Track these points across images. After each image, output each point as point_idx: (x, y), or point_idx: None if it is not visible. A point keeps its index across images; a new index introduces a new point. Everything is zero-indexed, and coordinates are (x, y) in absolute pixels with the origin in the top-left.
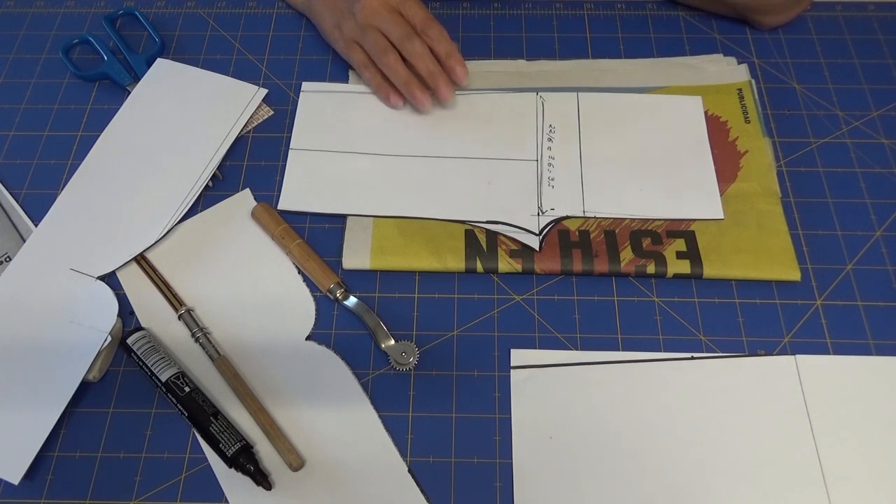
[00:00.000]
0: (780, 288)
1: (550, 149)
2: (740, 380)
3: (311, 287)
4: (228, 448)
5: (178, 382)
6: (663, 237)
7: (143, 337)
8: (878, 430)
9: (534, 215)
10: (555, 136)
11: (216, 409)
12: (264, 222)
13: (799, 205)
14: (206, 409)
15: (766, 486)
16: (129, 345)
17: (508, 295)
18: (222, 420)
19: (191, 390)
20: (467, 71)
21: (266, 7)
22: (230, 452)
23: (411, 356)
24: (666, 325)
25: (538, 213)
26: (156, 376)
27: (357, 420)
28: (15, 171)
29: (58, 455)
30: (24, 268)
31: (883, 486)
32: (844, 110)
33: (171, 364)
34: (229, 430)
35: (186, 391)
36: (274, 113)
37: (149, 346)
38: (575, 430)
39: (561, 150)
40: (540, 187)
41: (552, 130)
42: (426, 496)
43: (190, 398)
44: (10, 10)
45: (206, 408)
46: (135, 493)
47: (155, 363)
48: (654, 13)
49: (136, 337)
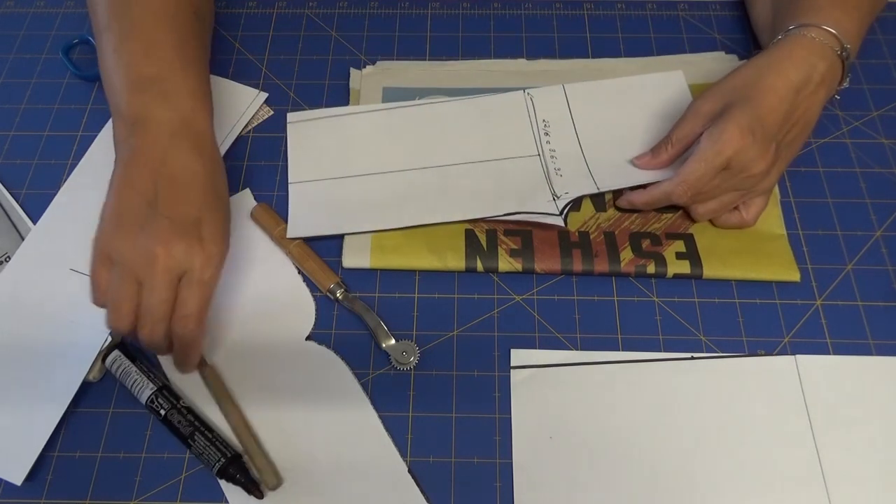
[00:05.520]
0: (780, 288)
1: (549, 142)
2: (740, 380)
3: (311, 287)
4: (212, 465)
5: (154, 405)
6: (662, 238)
7: (118, 358)
8: (878, 430)
9: (550, 201)
10: (550, 130)
11: (196, 427)
12: (263, 223)
13: (799, 205)
14: (182, 430)
15: (766, 486)
16: (107, 367)
17: (508, 295)
18: (204, 437)
19: (166, 411)
20: None
21: (266, 7)
22: (214, 469)
23: (412, 355)
24: (666, 325)
25: (553, 198)
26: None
27: (357, 420)
28: (15, 171)
29: (58, 455)
30: (23, 267)
31: (883, 485)
32: (844, 110)
33: (151, 380)
34: (214, 445)
35: (162, 414)
36: (273, 113)
37: (125, 367)
38: (575, 430)
39: (560, 142)
40: (549, 178)
41: (546, 125)
42: (426, 496)
43: (167, 421)
44: (10, 10)
45: (182, 429)
46: (135, 493)
47: (133, 384)
48: (654, 13)
49: (111, 359)
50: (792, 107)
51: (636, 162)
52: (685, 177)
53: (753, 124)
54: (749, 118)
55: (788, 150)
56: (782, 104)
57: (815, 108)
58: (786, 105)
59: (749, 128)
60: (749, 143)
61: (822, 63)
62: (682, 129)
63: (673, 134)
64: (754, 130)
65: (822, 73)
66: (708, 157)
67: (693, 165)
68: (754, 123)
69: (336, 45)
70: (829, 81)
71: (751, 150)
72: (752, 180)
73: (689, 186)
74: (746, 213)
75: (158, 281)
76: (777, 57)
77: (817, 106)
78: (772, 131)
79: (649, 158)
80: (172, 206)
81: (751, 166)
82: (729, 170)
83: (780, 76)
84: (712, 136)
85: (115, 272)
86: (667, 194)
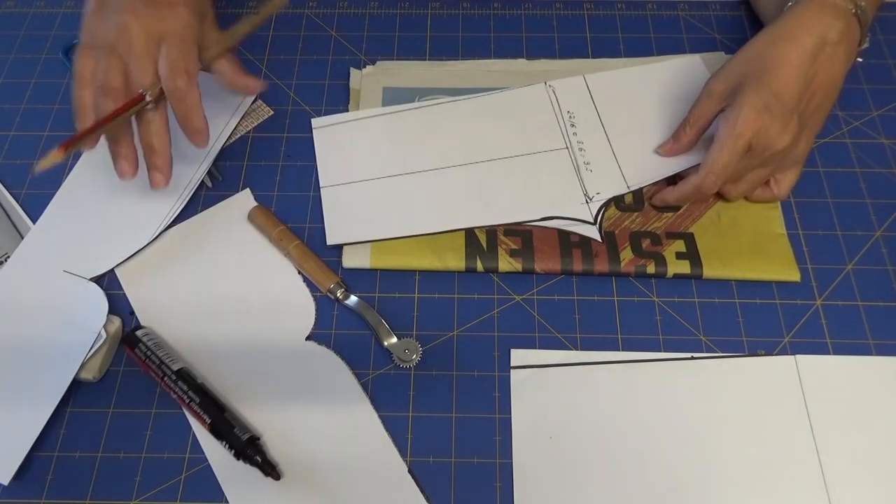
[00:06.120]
0: (780, 288)
1: (576, 134)
2: (740, 380)
3: (311, 287)
4: (243, 433)
5: (191, 372)
6: (662, 238)
7: (149, 332)
8: (878, 430)
9: (583, 204)
10: (576, 122)
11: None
12: (262, 225)
13: (799, 205)
14: (217, 400)
15: (766, 486)
16: (139, 337)
17: (508, 295)
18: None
19: (201, 380)
20: (167, 180)
21: None
22: (245, 437)
23: (414, 353)
24: (666, 325)
25: (586, 200)
26: (166, 365)
27: (357, 420)
28: (15, 171)
29: (58, 455)
30: (19, 269)
31: (883, 485)
32: (844, 110)
33: (178, 358)
34: (239, 420)
35: (198, 381)
36: (274, 113)
37: (156, 340)
38: (575, 430)
39: (587, 134)
40: (579, 174)
41: (572, 116)
42: (426, 496)
43: (203, 387)
44: (10, 10)
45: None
46: (135, 493)
47: (165, 355)
48: (654, 13)
49: (144, 331)
50: (809, 75)
51: (660, 151)
52: (711, 167)
53: (769, 101)
54: (763, 96)
55: (815, 117)
56: (798, 74)
57: (837, 70)
58: (802, 74)
59: (765, 106)
60: (768, 122)
61: (838, 22)
62: (699, 110)
63: (690, 116)
64: (771, 107)
65: (840, 33)
66: (728, 144)
67: (716, 155)
68: (770, 100)
69: (336, 45)
70: (848, 41)
71: (771, 129)
72: (779, 156)
73: (716, 176)
74: (777, 188)
75: (137, 48)
76: (788, 25)
77: (839, 67)
78: (791, 104)
79: (671, 145)
80: None
81: (774, 143)
82: (752, 151)
83: (794, 45)
84: (729, 120)
85: (98, 55)
86: (697, 187)
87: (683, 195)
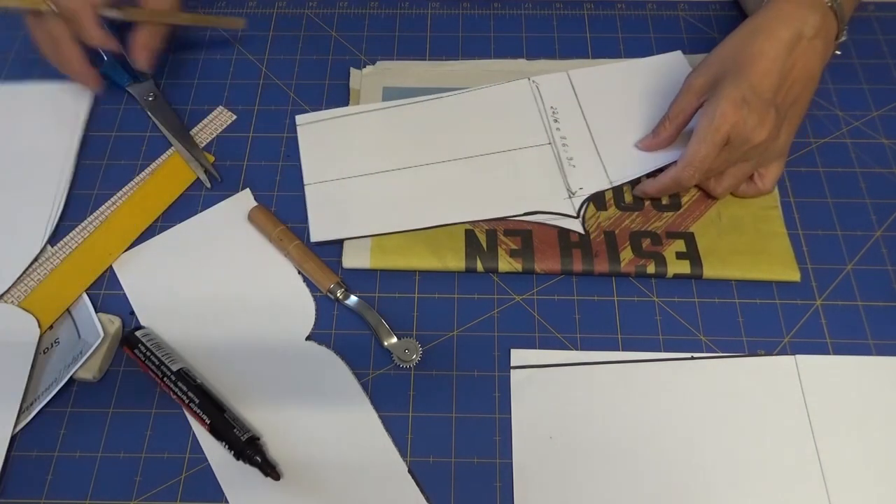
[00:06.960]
0: (779, 288)
1: (559, 129)
2: (740, 380)
3: (311, 287)
4: (242, 433)
5: (190, 373)
6: (663, 238)
7: (149, 332)
8: (878, 430)
9: (566, 199)
10: (559, 117)
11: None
12: (262, 225)
13: (799, 205)
14: (215, 399)
15: (766, 486)
16: (139, 337)
17: (508, 295)
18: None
19: (200, 380)
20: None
21: (266, 7)
22: (244, 437)
23: (414, 353)
24: (666, 325)
25: (569, 195)
26: (165, 366)
27: (357, 420)
28: None
29: (58, 455)
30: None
31: (883, 485)
32: (844, 110)
33: (178, 359)
34: (239, 420)
35: (197, 381)
36: (237, 117)
37: (156, 341)
38: (575, 430)
39: (570, 130)
40: (563, 170)
41: (555, 112)
42: (426, 496)
43: (202, 387)
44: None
45: (214, 398)
46: (135, 493)
47: (164, 355)
48: (654, 13)
49: (144, 331)
50: (786, 67)
51: (640, 146)
52: (689, 160)
53: (746, 94)
54: (741, 89)
55: (795, 109)
56: (775, 67)
57: (814, 62)
58: (779, 66)
59: (742, 99)
60: (745, 115)
61: (814, 15)
62: (679, 104)
63: (670, 111)
64: (748, 101)
65: (816, 26)
66: (706, 136)
67: (694, 147)
68: (747, 93)
69: (336, 45)
70: (824, 34)
71: (748, 122)
72: (758, 149)
73: (695, 169)
74: (762, 182)
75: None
76: (765, 17)
77: (816, 60)
78: (767, 97)
79: (651, 139)
80: None
81: (752, 137)
82: (731, 144)
83: (770, 38)
84: (707, 114)
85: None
86: (676, 180)
87: (663, 187)
